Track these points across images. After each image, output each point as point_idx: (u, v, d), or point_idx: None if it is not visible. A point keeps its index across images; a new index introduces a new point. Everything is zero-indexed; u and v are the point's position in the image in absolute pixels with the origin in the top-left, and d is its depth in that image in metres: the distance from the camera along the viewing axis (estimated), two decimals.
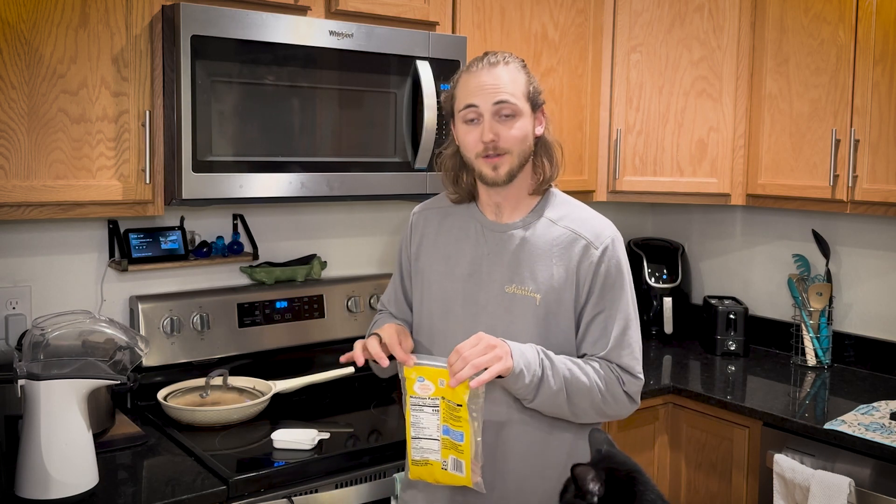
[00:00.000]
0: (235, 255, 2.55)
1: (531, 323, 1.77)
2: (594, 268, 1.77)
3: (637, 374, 1.79)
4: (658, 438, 2.75)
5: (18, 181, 1.92)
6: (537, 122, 1.80)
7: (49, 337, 1.79)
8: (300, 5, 2.27)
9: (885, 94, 2.52)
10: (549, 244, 1.78)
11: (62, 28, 1.95)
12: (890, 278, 2.89)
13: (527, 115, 1.76)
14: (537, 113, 1.79)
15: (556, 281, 1.76)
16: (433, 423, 1.67)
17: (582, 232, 1.79)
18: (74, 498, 1.77)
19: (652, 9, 2.95)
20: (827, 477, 2.25)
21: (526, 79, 1.77)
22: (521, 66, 1.78)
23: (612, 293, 1.77)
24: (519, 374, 1.67)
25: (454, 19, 2.58)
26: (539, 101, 1.79)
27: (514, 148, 1.74)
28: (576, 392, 1.72)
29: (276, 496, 1.93)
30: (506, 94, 1.73)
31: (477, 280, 1.81)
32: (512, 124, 1.74)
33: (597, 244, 1.78)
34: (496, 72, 1.74)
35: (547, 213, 1.82)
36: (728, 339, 3.10)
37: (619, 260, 1.79)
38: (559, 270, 1.77)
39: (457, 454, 1.67)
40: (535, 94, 1.78)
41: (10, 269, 2.26)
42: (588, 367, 1.75)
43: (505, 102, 1.72)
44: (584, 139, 2.95)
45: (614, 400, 1.77)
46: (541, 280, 1.77)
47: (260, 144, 2.16)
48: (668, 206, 3.61)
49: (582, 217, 1.83)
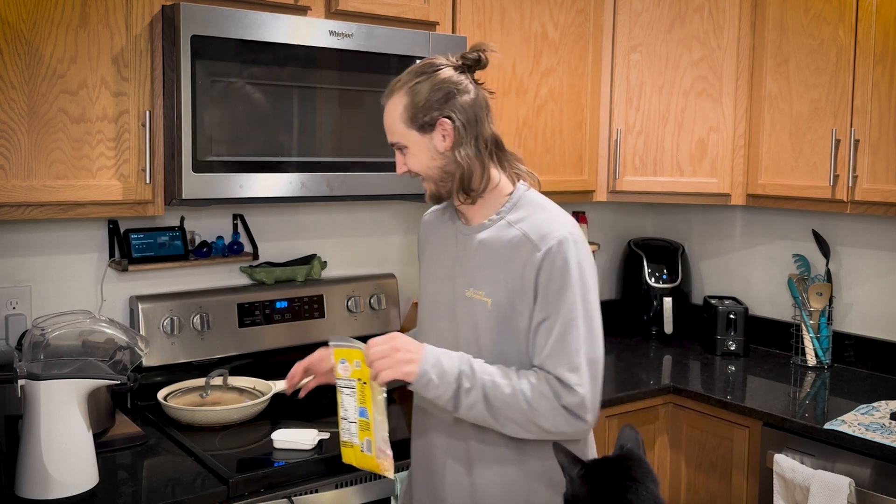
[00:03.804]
0: (235, 255, 2.55)
1: (486, 328, 1.70)
2: (536, 271, 1.65)
3: (573, 386, 1.61)
4: (658, 438, 2.75)
5: (18, 181, 1.92)
6: (437, 140, 1.69)
7: (49, 337, 1.79)
8: (300, 5, 2.27)
9: (885, 94, 2.52)
10: (503, 247, 1.70)
11: (62, 28, 1.95)
12: (890, 278, 2.89)
13: (417, 142, 1.69)
14: (435, 130, 1.68)
15: (507, 285, 1.68)
16: (352, 405, 1.71)
17: (530, 233, 1.68)
18: (74, 498, 1.77)
19: (652, 9, 2.95)
20: (827, 477, 2.25)
21: (406, 103, 1.68)
22: (406, 91, 1.69)
23: (556, 298, 1.63)
24: (427, 384, 1.62)
25: (454, 19, 2.58)
26: (430, 120, 1.67)
27: (421, 173, 1.73)
28: (499, 404, 1.62)
29: (276, 496, 1.93)
30: (390, 136, 1.73)
31: (451, 284, 1.78)
32: (406, 155, 1.72)
33: (540, 246, 1.65)
34: (385, 109, 1.73)
35: (509, 216, 1.73)
36: (728, 339, 3.10)
37: (566, 262, 1.64)
38: (509, 274, 1.68)
39: (369, 434, 1.70)
40: (424, 111, 1.67)
41: (10, 269, 2.26)
42: (518, 378, 1.63)
43: (393, 144, 1.74)
44: (584, 139, 2.95)
45: (549, 414, 1.62)
46: (492, 284, 1.70)
47: (260, 144, 2.16)
48: (668, 206, 3.61)
49: (539, 218, 1.70)
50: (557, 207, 1.75)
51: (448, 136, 1.68)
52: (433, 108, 1.67)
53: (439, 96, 1.67)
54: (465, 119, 1.69)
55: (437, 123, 1.67)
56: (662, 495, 1.51)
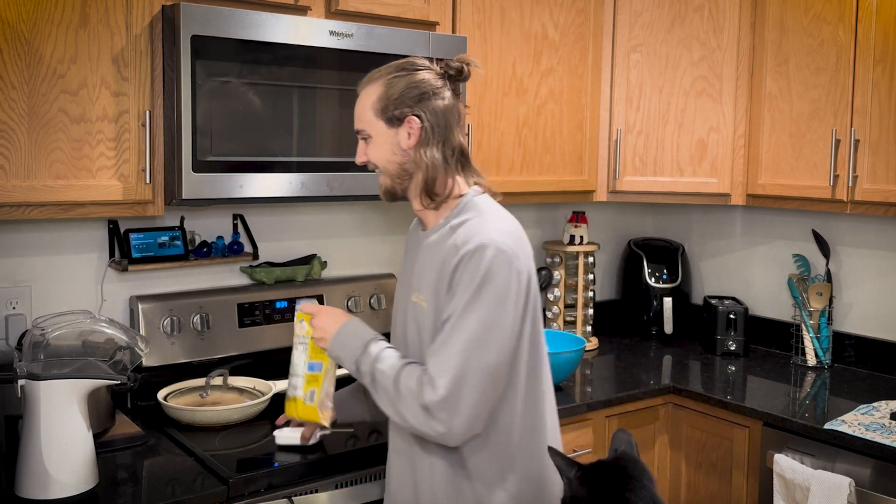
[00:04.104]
0: (235, 255, 2.55)
1: (427, 331, 1.69)
2: (451, 273, 1.63)
3: (436, 385, 1.57)
4: (658, 438, 2.75)
5: (18, 181, 1.92)
6: (401, 136, 1.70)
7: (49, 337, 1.79)
8: (300, 5, 2.27)
9: (885, 94, 2.52)
10: (440, 251, 1.70)
11: (62, 28, 1.95)
12: (890, 278, 2.89)
13: (382, 133, 1.71)
14: (402, 125, 1.70)
15: (438, 289, 1.67)
16: (301, 360, 1.88)
17: (458, 237, 1.66)
18: (74, 498, 1.77)
19: (652, 9, 2.95)
20: (827, 477, 2.25)
21: (380, 93, 1.70)
22: (382, 82, 1.71)
23: (459, 300, 1.61)
24: (338, 358, 1.77)
25: (454, 19, 2.58)
26: (399, 115, 1.69)
27: (379, 166, 1.75)
28: (379, 380, 1.67)
29: (276, 496, 1.93)
30: (357, 122, 1.75)
31: (407, 290, 1.80)
32: (368, 145, 1.75)
33: (462, 249, 1.63)
34: (359, 97, 1.75)
35: (453, 220, 1.72)
36: (728, 339, 3.11)
37: (477, 267, 1.60)
38: (441, 278, 1.67)
39: (315, 385, 1.87)
40: (391, 106, 1.69)
41: (10, 269, 2.26)
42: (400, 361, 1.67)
43: (358, 132, 1.76)
44: (584, 139, 2.95)
45: (409, 406, 1.61)
46: (429, 289, 1.70)
47: (260, 144, 2.16)
48: (668, 206, 3.61)
49: (472, 223, 1.68)
50: (500, 214, 1.73)
51: (413, 135, 1.70)
52: (405, 104, 1.69)
53: (414, 94, 1.69)
54: (435, 122, 1.70)
55: (406, 120, 1.69)
56: (660, 495, 1.52)
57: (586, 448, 2.54)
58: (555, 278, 3.14)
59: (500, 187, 2.72)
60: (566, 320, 3.17)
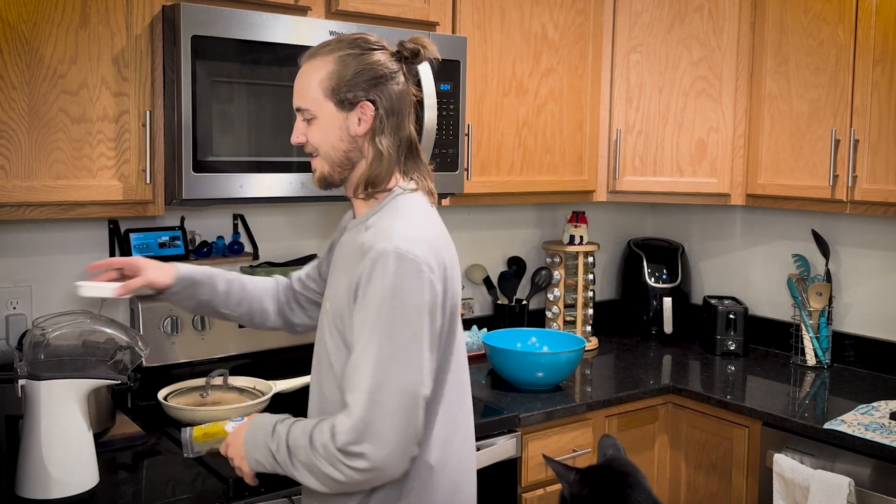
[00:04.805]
0: (236, 255, 2.55)
1: (327, 331, 1.59)
2: (356, 281, 1.49)
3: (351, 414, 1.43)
4: (658, 438, 2.76)
5: (19, 181, 1.93)
6: (352, 121, 1.56)
7: (49, 337, 1.79)
8: (300, 5, 2.27)
9: (884, 94, 2.52)
10: (350, 252, 1.57)
11: (62, 28, 1.95)
12: (890, 278, 2.89)
13: (329, 116, 1.56)
14: (352, 111, 1.55)
15: (340, 291, 1.55)
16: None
17: (367, 240, 1.51)
18: (74, 498, 1.77)
19: (652, 9, 2.95)
20: (827, 477, 2.25)
21: (331, 70, 1.54)
22: (334, 59, 1.55)
23: (358, 317, 1.48)
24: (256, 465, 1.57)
25: (454, 19, 2.58)
26: (352, 98, 1.54)
27: (321, 151, 1.59)
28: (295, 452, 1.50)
29: (276, 496, 1.93)
30: (300, 100, 1.58)
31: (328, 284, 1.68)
32: (311, 126, 1.58)
33: (365, 255, 1.49)
34: (303, 69, 1.58)
35: (371, 219, 1.58)
36: (728, 339, 3.11)
37: (383, 279, 1.45)
38: (345, 280, 1.54)
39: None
40: (345, 87, 1.54)
41: (11, 269, 2.26)
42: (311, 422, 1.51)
43: (299, 111, 1.59)
44: (583, 139, 2.95)
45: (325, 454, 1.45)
46: (333, 289, 1.60)
47: (260, 144, 2.16)
48: (667, 206, 3.61)
49: (384, 226, 1.53)
50: (417, 218, 1.56)
51: (365, 122, 1.56)
52: (359, 87, 1.54)
53: (368, 77, 1.54)
54: (389, 109, 1.56)
55: (359, 105, 1.55)
56: (660, 495, 1.55)
57: (586, 448, 2.54)
58: (554, 278, 3.14)
59: (500, 187, 2.75)
60: (566, 320, 3.17)
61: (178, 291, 1.82)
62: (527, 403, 2.47)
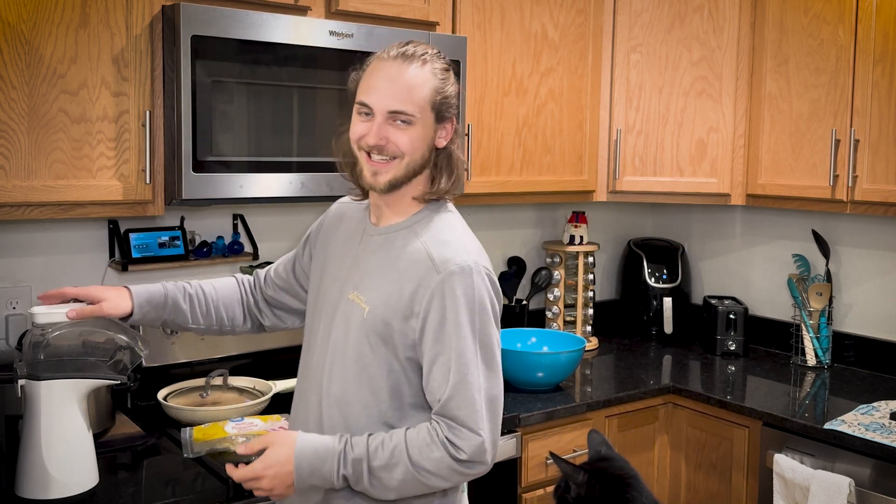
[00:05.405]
0: (235, 255, 2.55)
1: (357, 335, 1.60)
2: (429, 295, 1.54)
3: (477, 430, 1.52)
4: (658, 438, 2.75)
5: (19, 181, 1.92)
6: (440, 135, 1.63)
7: (49, 337, 1.79)
8: (300, 5, 2.27)
9: (885, 94, 2.52)
10: (399, 257, 1.60)
11: (62, 28, 1.95)
12: (890, 278, 2.89)
13: (425, 125, 1.59)
14: (443, 124, 1.62)
15: (391, 298, 1.58)
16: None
17: (433, 252, 1.57)
18: (74, 498, 1.77)
19: (652, 9, 2.95)
20: (827, 477, 2.25)
21: (437, 85, 1.59)
22: (438, 70, 1.61)
23: (449, 331, 1.53)
24: (311, 491, 1.59)
25: (454, 19, 2.58)
26: (446, 114, 1.62)
27: (404, 154, 1.59)
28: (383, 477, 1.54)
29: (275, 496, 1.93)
30: (404, 104, 1.57)
31: (340, 284, 1.68)
32: (405, 130, 1.58)
33: (440, 269, 1.54)
34: (407, 72, 1.57)
35: (418, 225, 1.63)
36: (728, 339, 3.11)
37: (462, 294, 1.53)
38: (398, 288, 1.57)
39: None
40: (444, 104, 1.61)
41: (10, 269, 2.26)
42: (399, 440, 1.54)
43: (400, 113, 1.57)
44: (583, 139, 2.95)
45: (437, 472, 1.53)
46: (376, 293, 1.60)
47: (260, 144, 2.16)
48: (668, 206, 3.61)
49: (445, 238, 1.60)
50: (467, 232, 1.67)
51: (445, 138, 1.64)
52: (452, 106, 1.63)
53: (455, 97, 1.64)
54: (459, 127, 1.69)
55: (449, 120, 1.64)
56: (659, 495, 1.57)
57: (586, 448, 2.53)
58: (554, 278, 3.14)
59: (500, 187, 2.75)
60: (566, 320, 3.17)
61: (140, 318, 1.82)
62: (527, 403, 2.47)
